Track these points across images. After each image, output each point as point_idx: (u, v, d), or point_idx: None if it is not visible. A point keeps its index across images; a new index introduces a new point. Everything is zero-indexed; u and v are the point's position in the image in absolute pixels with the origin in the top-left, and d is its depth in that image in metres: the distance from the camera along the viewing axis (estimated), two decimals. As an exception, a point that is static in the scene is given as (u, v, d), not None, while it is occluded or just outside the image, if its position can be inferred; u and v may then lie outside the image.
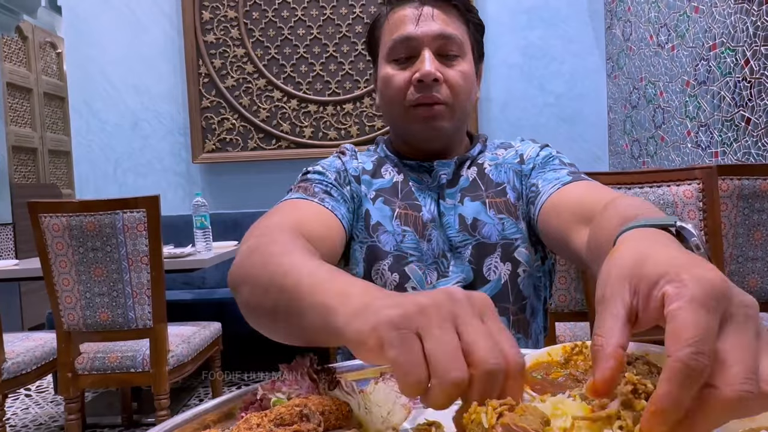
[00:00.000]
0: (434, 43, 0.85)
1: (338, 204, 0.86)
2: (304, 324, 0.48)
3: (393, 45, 0.87)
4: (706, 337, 0.29)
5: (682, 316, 0.29)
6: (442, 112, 0.85)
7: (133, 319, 1.87)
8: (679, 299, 0.30)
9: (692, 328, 0.29)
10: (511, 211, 0.88)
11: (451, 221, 0.87)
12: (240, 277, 0.60)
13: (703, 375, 0.28)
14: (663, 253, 0.35)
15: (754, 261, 1.72)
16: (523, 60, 3.46)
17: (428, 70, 0.82)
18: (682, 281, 0.31)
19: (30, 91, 5.01)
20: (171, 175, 3.53)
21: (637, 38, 3.02)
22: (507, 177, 0.91)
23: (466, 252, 0.86)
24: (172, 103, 3.50)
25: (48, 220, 1.82)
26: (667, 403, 0.28)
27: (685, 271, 0.31)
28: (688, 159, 2.58)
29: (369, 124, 3.43)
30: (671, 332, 0.29)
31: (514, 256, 0.86)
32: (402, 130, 0.91)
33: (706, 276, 0.31)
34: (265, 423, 0.42)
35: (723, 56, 2.24)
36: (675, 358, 0.28)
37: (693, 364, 0.28)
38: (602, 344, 0.32)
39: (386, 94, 0.88)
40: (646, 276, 0.33)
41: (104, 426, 2.45)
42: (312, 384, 0.50)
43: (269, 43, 3.42)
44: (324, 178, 0.88)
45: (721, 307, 0.30)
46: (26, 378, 1.98)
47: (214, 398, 0.54)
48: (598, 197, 0.70)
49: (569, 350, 0.51)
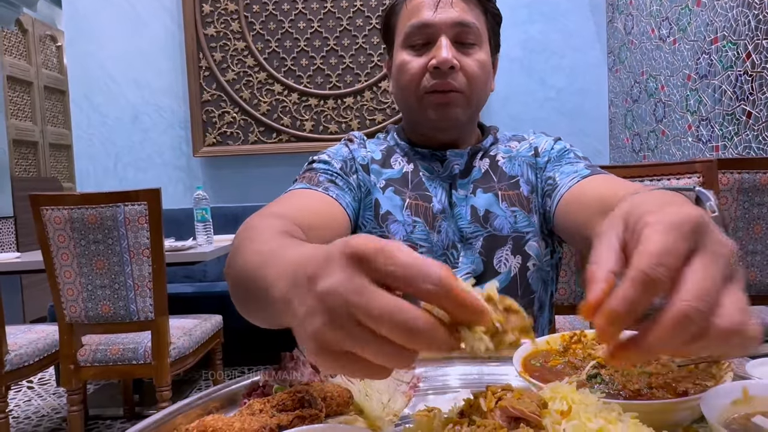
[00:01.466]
0: (452, 30, 0.84)
1: (343, 192, 0.85)
2: (269, 314, 0.45)
3: (410, 31, 0.85)
4: (669, 253, 0.30)
5: (651, 236, 0.31)
6: (456, 100, 0.84)
7: (134, 312, 1.88)
8: (655, 225, 0.32)
9: (657, 244, 0.30)
10: (523, 204, 0.87)
11: (462, 212, 0.87)
12: (227, 273, 0.61)
13: (660, 286, 0.30)
14: (658, 199, 0.37)
15: (753, 255, 1.72)
16: (523, 54, 3.45)
17: (445, 57, 0.81)
18: (663, 213, 0.33)
19: (30, 84, 5.00)
20: (171, 169, 3.53)
21: (638, 32, 3.02)
22: (521, 170, 0.90)
23: (477, 243, 0.85)
24: (173, 97, 3.49)
25: (49, 212, 1.82)
26: (621, 305, 0.29)
27: (670, 206, 0.33)
28: (688, 153, 2.58)
29: (369, 117, 3.43)
30: (638, 250, 0.31)
31: (524, 249, 0.86)
32: (415, 117, 0.89)
33: (686, 210, 0.32)
34: (267, 408, 0.43)
35: (725, 50, 2.24)
36: (635, 267, 0.30)
37: (651, 273, 0.29)
38: (595, 270, 0.33)
39: (401, 80, 0.87)
40: (637, 213, 0.35)
41: (106, 418, 2.47)
42: (313, 371, 0.51)
43: (270, 37, 3.41)
44: (329, 167, 0.87)
45: (694, 237, 0.31)
46: (28, 370, 1.99)
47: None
48: (618, 189, 0.70)
49: (568, 339, 0.52)
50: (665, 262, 0.30)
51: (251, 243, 0.55)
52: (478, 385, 0.42)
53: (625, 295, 0.30)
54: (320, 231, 0.72)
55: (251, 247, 0.54)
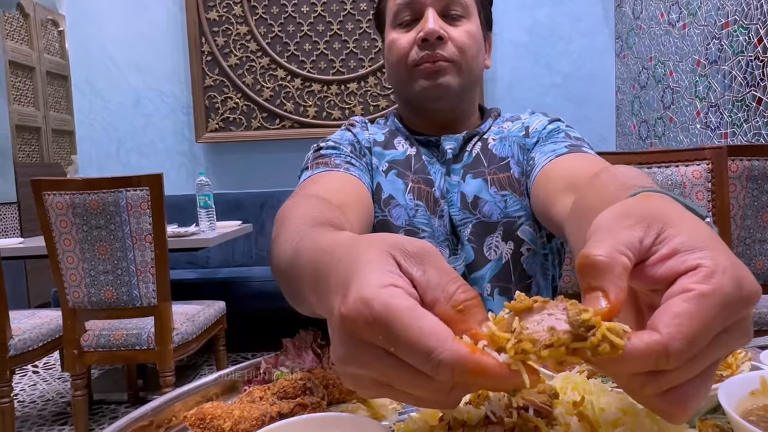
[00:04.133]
0: (438, 3, 0.83)
1: (362, 173, 0.85)
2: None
3: (397, 9, 0.86)
4: (701, 343, 0.26)
5: (703, 306, 0.26)
6: (447, 68, 0.83)
7: (137, 297, 1.88)
8: (711, 283, 0.26)
9: (701, 327, 0.25)
10: (514, 187, 0.85)
11: (454, 199, 0.86)
12: (271, 260, 0.59)
13: (661, 368, 0.26)
14: (704, 226, 0.30)
15: (762, 243, 1.70)
16: (529, 39, 3.41)
17: (432, 27, 0.81)
18: (725, 267, 0.26)
19: (32, 69, 4.97)
20: (174, 155, 3.51)
21: (647, 16, 2.96)
22: (511, 151, 0.88)
23: (466, 231, 0.84)
24: (175, 82, 3.47)
25: (51, 198, 1.81)
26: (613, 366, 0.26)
27: (730, 258, 0.27)
28: (696, 140, 2.55)
29: (373, 103, 3.39)
30: (680, 312, 0.26)
31: (517, 234, 0.84)
32: (407, 92, 0.88)
33: (747, 277, 0.27)
34: (268, 396, 0.42)
35: (735, 35, 2.19)
36: (659, 341, 0.25)
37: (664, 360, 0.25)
38: (612, 261, 0.27)
39: (391, 58, 0.87)
40: (684, 234, 0.28)
41: (110, 402, 2.48)
42: (315, 358, 0.50)
43: (273, 21, 3.37)
44: (340, 151, 0.86)
45: (735, 316, 0.27)
46: (32, 355, 2.00)
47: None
48: (589, 166, 0.68)
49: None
50: (691, 351, 0.25)
51: (281, 234, 0.54)
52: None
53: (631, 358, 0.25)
54: (354, 209, 0.72)
55: (282, 238, 0.53)
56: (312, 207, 0.58)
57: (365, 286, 0.27)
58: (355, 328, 0.27)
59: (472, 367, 0.25)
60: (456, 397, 0.27)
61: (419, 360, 0.26)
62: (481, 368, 0.25)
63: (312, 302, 0.39)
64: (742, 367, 0.38)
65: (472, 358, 0.25)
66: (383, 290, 0.27)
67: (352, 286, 0.28)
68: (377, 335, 0.26)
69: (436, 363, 0.25)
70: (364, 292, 0.27)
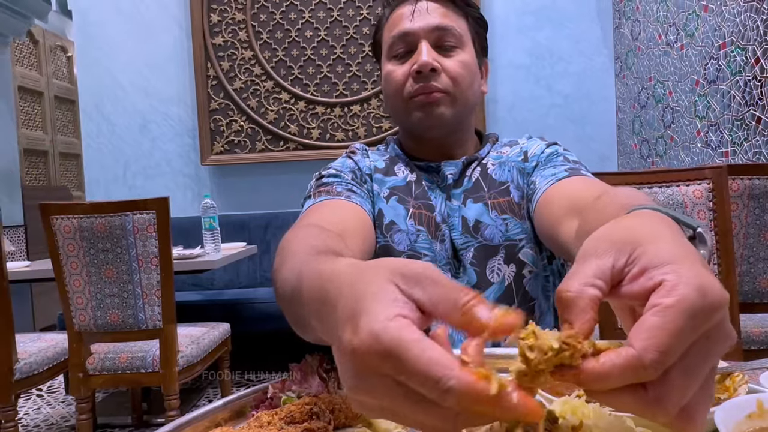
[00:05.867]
0: (431, 35, 0.85)
1: (363, 200, 0.86)
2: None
3: (392, 42, 0.88)
4: (675, 352, 0.27)
5: (668, 317, 0.27)
6: (441, 100, 0.85)
7: (143, 320, 1.89)
8: (674, 295, 0.28)
9: (669, 337, 0.27)
10: (515, 211, 0.87)
11: (455, 223, 0.87)
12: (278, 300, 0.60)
13: (644, 380, 0.28)
14: (675, 240, 0.33)
15: (765, 261, 1.70)
16: (530, 61, 3.45)
17: (424, 60, 0.83)
18: (687, 278, 0.28)
19: (41, 94, 5.06)
20: (180, 177, 3.55)
21: (645, 37, 3.01)
22: (511, 176, 0.90)
23: (468, 254, 0.85)
24: (181, 106, 3.52)
25: (59, 221, 1.83)
26: (598, 383, 0.27)
27: (693, 268, 0.29)
28: (697, 159, 2.56)
29: (376, 125, 3.44)
30: (649, 326, 0.28)
31: (518, 257, 0.86)
32: (404, 123, 0.91)
33: (711, 285, 0.28)
34: (275, 421, 0.43)
35: (733, 55, 2.23)
36: (634, 354, 0.27)
37: (642, 371, 0.27)
38: (582, 293, 0.30)
39: (387, 89, 0.89)
40: (651, 252, 0.30)
41: (115, 426, 2.47)
42: (321, 383, 0.51)
43: (277, 45, 3.43)
44: (341, 179, 0.88)
45: (707, 325, 0.28)
46: (38, 378, 2.00)
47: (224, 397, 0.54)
48: (591, 189, 0.70)
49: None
50: (665, 361, 0.27)
51: (284, 264, 0.55)
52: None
53: (607, 373, 0.27)
54: (355, 236, 0.74)
55: (285, 267, 0.54)
56: (313, 236, 0.60)
57: (374, 320, 0.28)
58: (367, 360, 0.28)
59: (475, 395, 0.26)
60: (461, 424, 0.28)
61: (428, 388, 0.27)
62: (483, 396, 0.26)
63: (316, 329, 0.40)
64: (740, 390, 0.39)
65: (477, 386, 0.26)
66: (392, 323, 0.28)
67: (362, 319, 0.29)
68: (388, 366, 0.28)
69: (444, 390, 0.26)
70: (374, 326, 0.28)
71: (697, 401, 0.28)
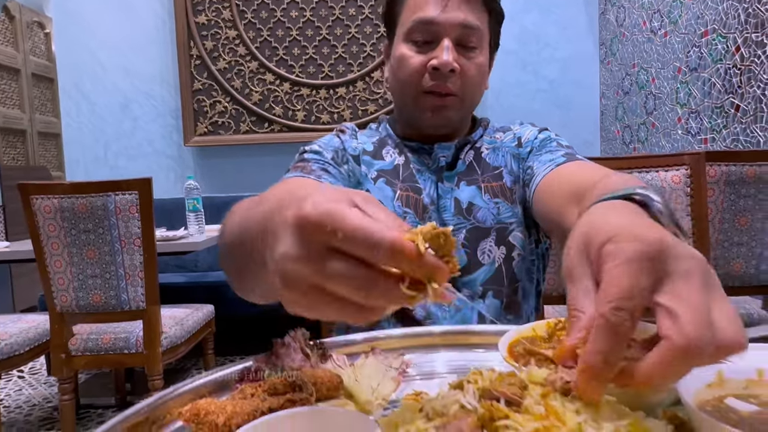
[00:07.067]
0: (455, 31, 0.83)
1: (335, 180, 0.86)
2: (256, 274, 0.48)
3: (413, 26, 0.85)
4: (630, 294, 0.29)
5: (610, 274, 0.30)
6: (452, 103, 0.86)
7: (126, 301, 1.88)
8: (614, 259, 0.31)
9: (617, 285, 0.30)
10: (506, 195, 0.89)
11: (447, 205, 0.88)
12: (219, 246, 0.63)
13: (625, 331, 0.29)
14: (613, 220, 0.36)
15: (739, 246, 1.75)
16: (517, 46, 3.46)
17: (446, 60, 0.82)
18: (619, 242, 0.32)
19: (18, 71, 4.92)
20: (162, 158, 3.51)
21: (630, 24, 3.03)
22: (504, 161, 0.91)
23: (460, 236, 0.87)
24: (163, 85, 3.46)
25: (39, 201, 1.81)
26: (594, 359, 0.29)
27: (626, 232, 0.32)
28: (678, 145, 2.61)
29: (362, 108, 3.42)
30: (600, 290, 0.31)
31: (508, 240, 0.87)
32: (410, 113, 0.90)
33: (643, 236, 0.31)
34: (259, 392, 0.44)
35: (714, 43, 2.26)
36: (598, 314, 0.30)
37: (613, 320, 0.29)
38: (578, 317, 0.33)
39: (400, 74, 0.87)
40: (596, 244, 0.34)
41: (98, 407, 2.47)
42: (304, 358, 0.52)
43: (261, 25, 3.38)
44: (321, 157, 0.88)
45: (656, 266, 0.31)
46: (19, 359, 1.99)
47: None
48: (591, 176, 0.71)
49: (553, 326, 0.53)
50: (625, 305, 0.29)
51: (239, 212, 0.58)
52: (464, 370, 0.43)
53: (595, 348, 0.30)
54: None
55: (239, 213, 0.57)
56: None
57: (318, 198, 0.32)
58: (307, 225, 0.31)
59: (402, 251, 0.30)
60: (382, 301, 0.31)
61: (361, 244, 0.30)
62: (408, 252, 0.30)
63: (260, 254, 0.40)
64: (702, 362, 0.41)
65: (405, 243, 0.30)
66: (333, 200, 0.32)
67: (306, 200, 0.32)
68: (324, 231, 0.31)
69: (375, 243, 0.30)
70: (317, 199, 0.32)
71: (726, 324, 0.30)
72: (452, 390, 0.33)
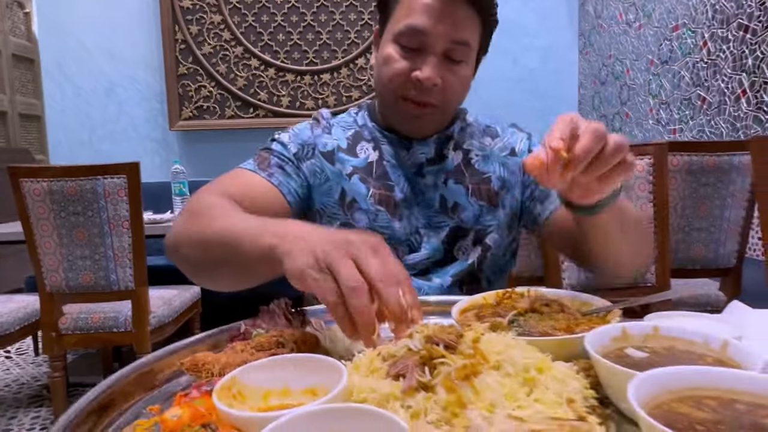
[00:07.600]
0: (444, 45, 0.83)
1: (288, 179, 0.88)
2: (250, 265, 0.61)
3: (404, 30, 0.83)
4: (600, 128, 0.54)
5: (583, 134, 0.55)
6: (430, 114, 0.87)
7: (115, 282, 1.94)
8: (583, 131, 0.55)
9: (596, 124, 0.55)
10: (492, 200, 0.92)
11: (432, 199, 0.91)
12: (182, 237, 0.72)
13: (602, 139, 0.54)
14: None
15: (699, 231, 1.86)
16: (496, 35, 3.50)
17: (429, 76, 0.82)
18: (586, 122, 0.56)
19: (-2, 52, 4.85)
20: (148, 142, 3.53)
21: (608, 15, 3.11)
22: (494, 168, 0.94)
23: (442, 233, 0.90)
24: (148, 70, 3.47)
25: (29, 184, 1.85)
26: (582, 152, 0.53)
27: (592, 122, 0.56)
28: (649, 135, 2.72)
29: (346, 94, 3.47)
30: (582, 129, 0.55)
31: (485, 241, 0.91)
32: (389, 112, 0.91)
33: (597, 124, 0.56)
34: (248, 349, 0.52)
35: (684, 37, 2.35)
36: (588, 127, 0.54)
37: (601, 128, 0.54)
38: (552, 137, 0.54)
39: (383, 74, 0.87)
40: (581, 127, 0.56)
41: (87, 385, 2.53)
42: (287, 323, 0.60)
43: (246, 10, 3.40)
44: (284, 151, 0.91)
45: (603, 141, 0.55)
46: (9, 338, 2.04)
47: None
48: None
49: (501, 295, 0.62)
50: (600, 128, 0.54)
51: (225, 214, 0.69)
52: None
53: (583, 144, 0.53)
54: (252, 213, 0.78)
55: (229, 217, 0.68)
56: (230, 204, 0.76)
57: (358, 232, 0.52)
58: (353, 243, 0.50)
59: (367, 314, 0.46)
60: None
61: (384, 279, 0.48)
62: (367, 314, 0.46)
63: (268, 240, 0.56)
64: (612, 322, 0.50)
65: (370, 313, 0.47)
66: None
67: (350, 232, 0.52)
68: (365, 248, 0.49)
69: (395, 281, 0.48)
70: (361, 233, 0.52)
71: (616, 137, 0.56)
72: (404, 339, 0.42)
